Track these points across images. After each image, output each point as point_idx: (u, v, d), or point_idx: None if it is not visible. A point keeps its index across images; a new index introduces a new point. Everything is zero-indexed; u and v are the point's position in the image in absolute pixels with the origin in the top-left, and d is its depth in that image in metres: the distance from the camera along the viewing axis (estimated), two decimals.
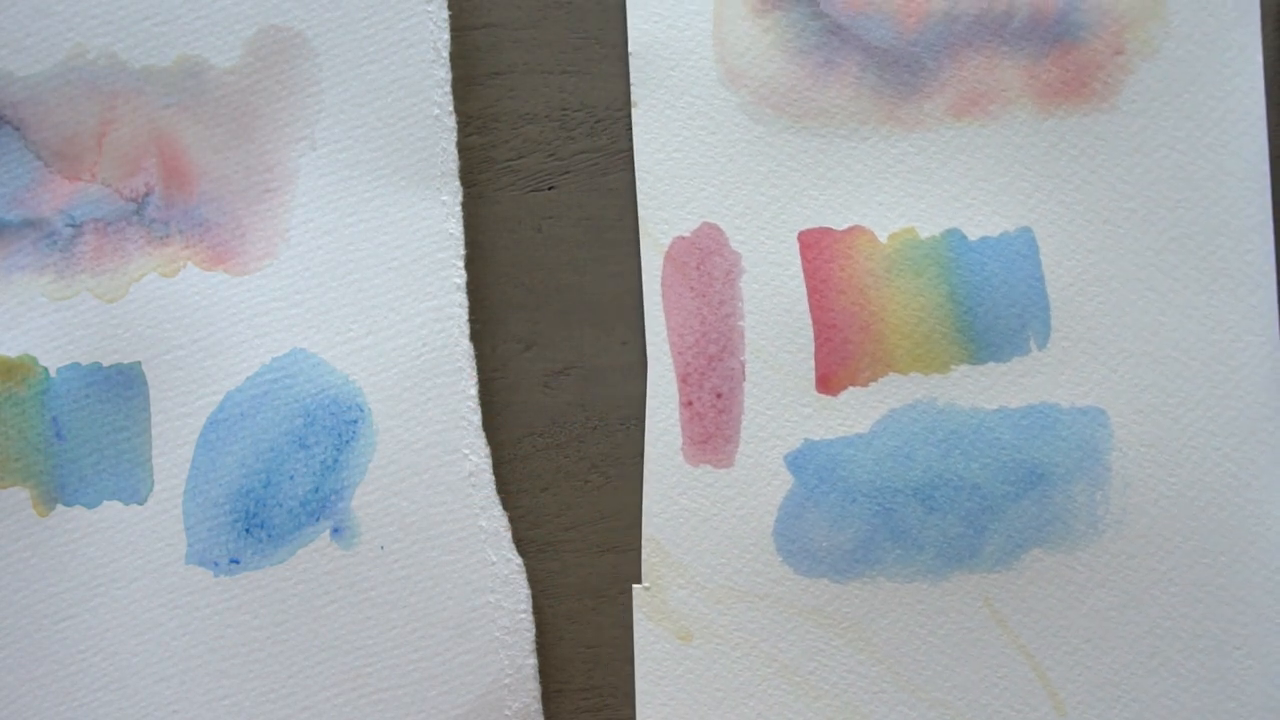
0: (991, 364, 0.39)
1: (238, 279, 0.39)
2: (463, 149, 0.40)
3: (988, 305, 0.39)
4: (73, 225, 0.39)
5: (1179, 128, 0.39)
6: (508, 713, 0.38)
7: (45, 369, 0.39)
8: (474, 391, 0.39)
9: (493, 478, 0.38)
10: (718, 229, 0.39)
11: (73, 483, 0.39)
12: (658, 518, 0.39)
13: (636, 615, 0.39)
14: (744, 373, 0.39)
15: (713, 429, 0.39)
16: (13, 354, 0.39)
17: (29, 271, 0.39)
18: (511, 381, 0.40)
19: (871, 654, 0.39)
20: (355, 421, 0.38)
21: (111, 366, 0.39)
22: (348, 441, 0.38)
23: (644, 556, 0.39)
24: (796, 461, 0.39)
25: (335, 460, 0.38)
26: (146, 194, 0.39)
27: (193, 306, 0.39)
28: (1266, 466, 0.39)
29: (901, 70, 0.40)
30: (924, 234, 0.39)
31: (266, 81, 0.39)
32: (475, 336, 0.39)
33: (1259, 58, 0.39)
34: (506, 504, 0.39)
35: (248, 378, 0.39)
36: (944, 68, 0.39)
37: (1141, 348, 0.39)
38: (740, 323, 0.39)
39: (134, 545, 0.38)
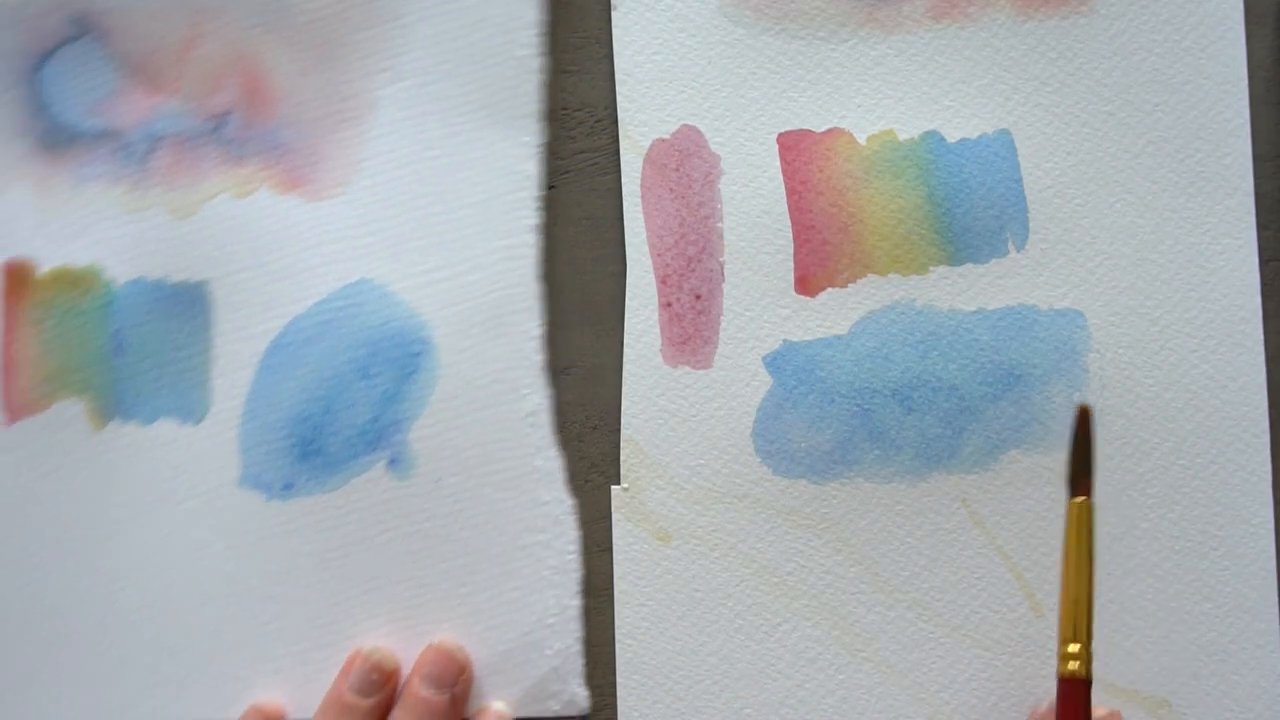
0: (970, 265, 0.39)
1: (311, 204, 0.38)
2: None
3: (966, 207, 0.39)
4: (149, 139, 0.39)
5: (1157, 30, 0.39)
6: (549, 652, 0.38)
7: (110, 281, 0.38)
8: (538, 332, 0.38)
9: (550, 418, 0.38)
10: (697, 131, 0.39)
11: (129, 398, 0.38)
12: (636, 419, 0.39)
13: (615, 516, 0.39)
14: (723, 274, 0.39)
15: (691, 330, 0.39)
16: (80, 263, 0.38)
17: (103, 181, 0.39)
18: None
19: (849, 555, 0.39)
20: (419, 354, 0.38)
21: (178, 283, 0.39)
22: (410, 374, 0.38)
23: (622, 457, 0.39)
24: (775, 362, 0.39)
25: (396, 391, 0.38)
26: (226, 113, 0.39)
27: (264, 229, 0.38)
28: (1243, 368, 0.39)
29: None
30: (903, 136, 0.39)
31: (353, 10, 0.39)
32: None
33: None
34: None
35: (314, 304, 0.38)
36: None
37: (1119, 250, 0.39)
38: (719, 224, 0.39)
39: (186, 465, 0.38)
